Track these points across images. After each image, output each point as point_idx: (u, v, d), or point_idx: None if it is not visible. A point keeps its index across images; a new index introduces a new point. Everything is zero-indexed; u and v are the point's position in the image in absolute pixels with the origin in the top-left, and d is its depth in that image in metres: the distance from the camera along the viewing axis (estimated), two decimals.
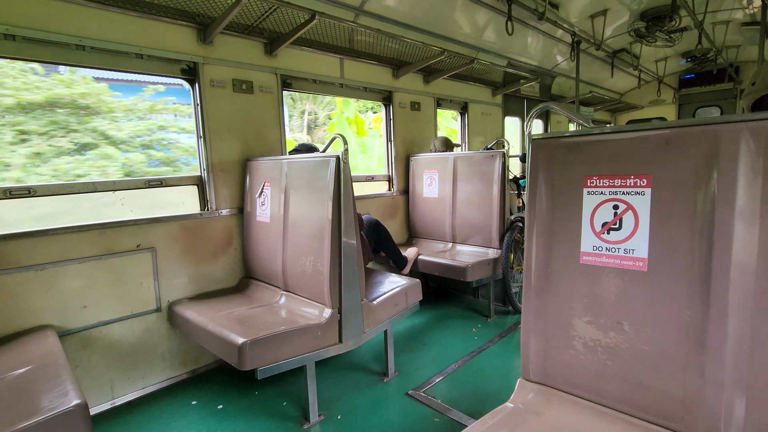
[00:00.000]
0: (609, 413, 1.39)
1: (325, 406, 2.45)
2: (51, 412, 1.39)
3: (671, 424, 1.27)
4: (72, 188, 2.43)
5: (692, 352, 1.22)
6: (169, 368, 2.76)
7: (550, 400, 1.51)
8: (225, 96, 2.92)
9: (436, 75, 4.47)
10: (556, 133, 1.54)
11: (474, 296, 4.28)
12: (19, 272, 2.19)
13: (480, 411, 2.31)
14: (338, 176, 2.31)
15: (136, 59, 2.57)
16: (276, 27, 3.02)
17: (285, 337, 2.14)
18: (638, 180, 1.32)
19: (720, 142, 1.17)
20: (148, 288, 2.63)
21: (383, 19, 3.52)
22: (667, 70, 7.37)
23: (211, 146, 2.87)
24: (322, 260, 2.35)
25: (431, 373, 2.80)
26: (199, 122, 2.85)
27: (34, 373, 1.69)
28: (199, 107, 2.83)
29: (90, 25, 2.36)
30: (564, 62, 5.80)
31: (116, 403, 2.54)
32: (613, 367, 1.37)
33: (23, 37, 2.19)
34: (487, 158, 3.75)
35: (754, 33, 5.54)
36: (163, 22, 2.63)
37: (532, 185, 1.56)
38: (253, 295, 2.81)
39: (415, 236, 4.40)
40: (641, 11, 4.66)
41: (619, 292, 1.36)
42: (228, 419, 2.38)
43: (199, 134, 2.87)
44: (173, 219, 2.72)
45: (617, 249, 1.36)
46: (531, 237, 1.56)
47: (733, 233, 1.15)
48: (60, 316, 2.32)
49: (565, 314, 1.48)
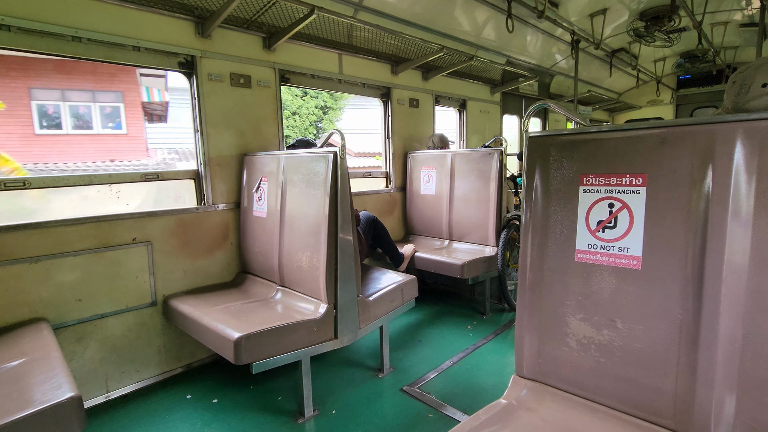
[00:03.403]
0: (601, 410, 1.40)
1: (320, 401, 2.46)
2: (45, 404, 1.39)
3: (663, 420, 1.28)
4: (67, 180, 2.42)
5: (684, 350, 1.23)
6: (164, 362, 2.76)
7: (543, 397, 1.52)
8: (223, 90, 2.91)
9: (434, 72, 4.46)
10: (552, 131, 1.55)
11: (470, 293, 4.30)
12: (13, 264, 2.18)
13: (474, 407, 2.32)
14: (335, 172, 2.31)
15: (133, 51, 2.55)
16: (275, 21, 3.01)
17: (280, 332, 2.14)
18: (634, 179, 1.32)
19: (715, 141, 1.18)
20: (144, 282, 2.63)
21: (382, 15, 3.50)
22: (666, 71, 7.38)
23: (208, 140, 2.86)
24: (319, 256, 2.35)
25: (426, 369, 2.81)
26: (196, 116, 2.84)
27: (28, 365, 1.69)
28: (197, 101, 2.81)
29: (86, 16, 2.34)
30: (563, 61, 5.80)
31: (111, 396, 2.54)
32: (605, 365, 1.38)
33: (18, 27, 2.16)
34: (485, 156, 3.75)
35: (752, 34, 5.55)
36: (161, 15, 2.61)
37: (528, 183, 1.57)
38: (249, 290, 2.81)
39: (412, 233, 4.40)
40: (640, 11, 4.66)
41: (613, 290, 1.37)
42: (223, 413, 2.38)
43: (196, 128, 2.85)
44: (169, 213, 2.71)
45: (612, 247, 1.37)
46: (527, 234, 1.57)
47: (727, 232, 1.16)
48: (54, 309, 2.32)
49: (560, 312, 1.48)
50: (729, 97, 1.36)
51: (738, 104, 1.30)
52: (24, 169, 7.76)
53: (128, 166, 10.29)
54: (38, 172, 8.75)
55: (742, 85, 1.28)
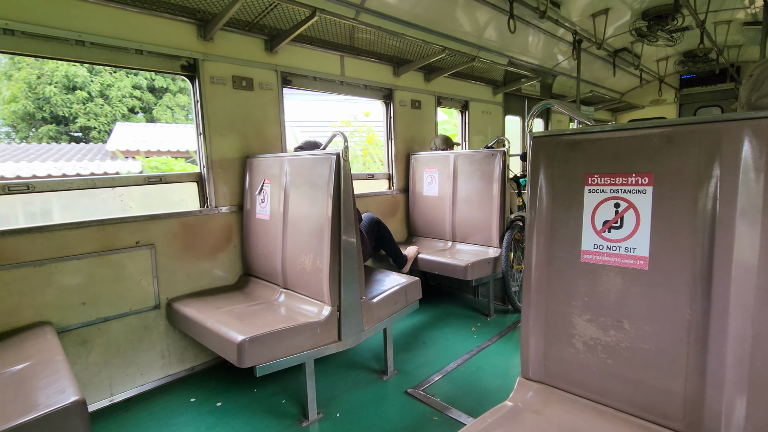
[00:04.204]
0: (609, 412, 1.38)
1: (324, 403, 2.45)
2: (49, 408, 1.39)
3: (671, 423, 1.27)
4: (71, 184, 2.42)
5: (693, 351, 1.22)
6: (167, 365, 2.75)
7: (550, 399, 1.50)
8: (225, 93, 2.91)
9: (436, 73, 4.46)
10: (557, 131, 1.54)
11: (474, 295, 4.28)
12: (18, 268, 2.19)
13: (479, 409, 2.31)
14: (338, 174, 2.30)
15: (136, 55, 2.56)
16: (276, 24, 3.01)
17: (284, 334, 2.14)
18: (640, 178, 1.31)
19: (722, 140, 1.17)
20: (147, 285, 2.63)
21: (384, 16, 3.51)
22: (668, 70, 7.36)
23: (211, 143, 2.86)
24: (322, 258, 2.35)
25: (430, 371, 2.80)
26: (199, 119, 2.84)
27: (33, 369, 1.69)
28: (199, 104, 2.82)
29: (89, 20, 2.35)
30: (565, 61, 5.78)
31: (115, 399, 2.53)
32: (613, 366, 1.37)
33: (23, 32, 2.18)
34: (488, 157, 3.74)
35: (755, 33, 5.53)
36: (163, 18, 2.62)
37: (532, 183, 1.55)
38: (253, 293, 2.81)
39: (415, 235, 4.39)
40: (643, 10, 4.64)
41: (619, 290, 1.35)
42: (227, 416, 2.37)
43: (199, 131, 2.86)
44: (173, 216, 2.71)
45: (618, 247, 1.35)
46: (531, 235, 1.56)
47: (735, 232, 1.14)
48: (58, 312, 2.32)
49: (565, 313, 1.47)
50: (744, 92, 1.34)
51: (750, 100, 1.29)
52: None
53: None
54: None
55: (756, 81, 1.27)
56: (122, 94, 9.02)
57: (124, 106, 9.02)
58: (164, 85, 9.39)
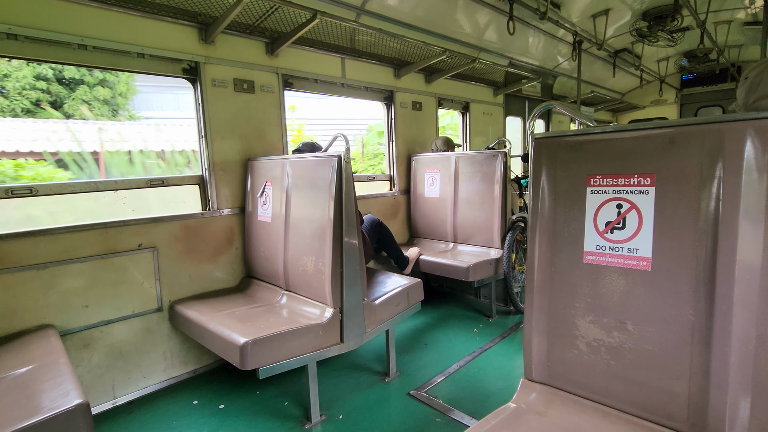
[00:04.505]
0: (612, 413, 1.38)
1: (327, 405, 2.45)
2: (52, 411, 1.39)
3: (675, 424, 1.26)
4: (74, 188, 2.43)
5: (696, 352, 1.21)
6: (170, 368, 2.75)
7: (553, 400, 1.50)
8: (226, 95, 2.92)
9: (437, 75, 4.47)
10: (559, 132, 1.54)
11: (475, 296, 4.27)
12: (21, 271, 2.19)
13: (482, 411, 2.30)
14: (340, 176, 2.30)
15: (138, 59, 2.57)
16: (277, 26, 3.02)
17: (286, 336, 2.14)
18: (642, 179, 1.31)
19: (724, 140, 1.17)
20: (150, 287, 2.63)
21: (385, 18, 3.51)
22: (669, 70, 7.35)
23: (212, 146, 2.87)
24: (324, 260, 2.35)
25: (433, 373, 2.79)
26: (200, 122, 2.85)
27: (36, 372, 1.69)
28: (201, 107, 2.82)
29: (92, 24, 2.36)
30: (565, 62, 5.79)
31: (117, 402, 2.54)
32: (616, 367, 1.37)
33: (26, 36, 2.19)
34: (489, 158, 3.74)
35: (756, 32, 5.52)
36: (165, 22, 2.63)
37: (534, 184, 1.55)
38: (255, 295, 2.81)
39: (417, 236, 4.39)
40: (643, 11, 4.65)
41: (622, 291, 1.35)
42: (229, 419, 2.37)
43: (200, 134, 2.86)
44: (175, 218, 2.72)
45: (621, 248, 1.35)
46: (534, 236, 1.56)
47: (738, 232, 1.14)
48: (61, 315, 2.32)
49: (568, 314, 1.47)
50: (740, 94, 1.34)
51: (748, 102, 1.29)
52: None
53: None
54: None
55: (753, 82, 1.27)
56: (21, 85, 7.59)
57: (25, 99, 7.67)
58: (76, 76, 7.98)
